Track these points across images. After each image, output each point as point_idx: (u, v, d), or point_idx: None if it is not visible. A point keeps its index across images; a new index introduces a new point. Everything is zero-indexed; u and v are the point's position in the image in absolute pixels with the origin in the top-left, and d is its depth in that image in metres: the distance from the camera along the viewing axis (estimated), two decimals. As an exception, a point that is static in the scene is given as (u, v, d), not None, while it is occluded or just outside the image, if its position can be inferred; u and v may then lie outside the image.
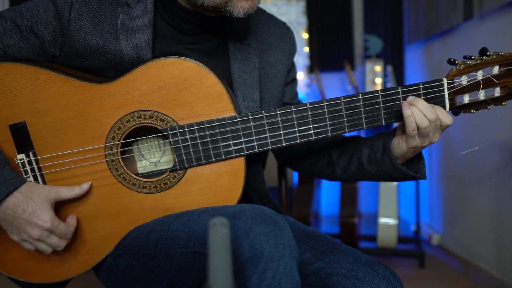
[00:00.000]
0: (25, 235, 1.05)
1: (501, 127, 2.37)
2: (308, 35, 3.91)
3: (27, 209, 1.03)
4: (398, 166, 1.12)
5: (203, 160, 1.10)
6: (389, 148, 1.12)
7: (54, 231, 1.05)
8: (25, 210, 1.03)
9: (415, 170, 1.16)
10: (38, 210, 1.04)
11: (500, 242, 2.48)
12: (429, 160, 3.40)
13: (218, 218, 0.64)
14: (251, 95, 1.19)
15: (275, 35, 1.28)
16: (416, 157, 1.16)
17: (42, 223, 1.03)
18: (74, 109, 1.08)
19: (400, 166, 1.12)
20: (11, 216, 1.04)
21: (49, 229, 1.04)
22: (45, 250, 1.08)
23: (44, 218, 1.04)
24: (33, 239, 1.05)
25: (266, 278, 0.86)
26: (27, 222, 1.03)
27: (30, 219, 1.03)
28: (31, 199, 1.04)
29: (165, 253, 1.03)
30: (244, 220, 0.92)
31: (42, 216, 1.04)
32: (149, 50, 1.10)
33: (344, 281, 1.06)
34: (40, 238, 1.05)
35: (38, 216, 1.03)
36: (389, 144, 1.13)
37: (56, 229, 1.05)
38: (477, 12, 2.58)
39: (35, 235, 1.04)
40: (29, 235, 1.04)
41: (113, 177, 1.10)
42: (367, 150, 1.17)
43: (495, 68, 1.08)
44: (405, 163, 1.17)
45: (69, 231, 1.08)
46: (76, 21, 1.08)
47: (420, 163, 1.15)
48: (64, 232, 1.07)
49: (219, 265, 0.57)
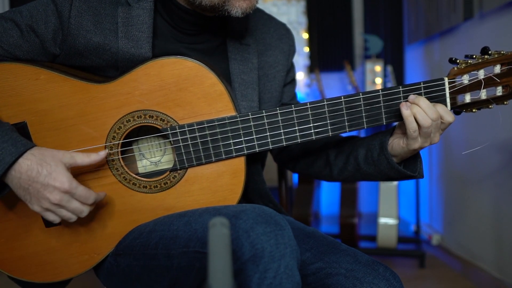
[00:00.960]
0: (45, 202, 0.99)
1: (501, 127, 2.37)
2: (308, 35, 3.91)
3: (41, 172, 0.98)
4: (395, 166, 1.12)
5: (203, 160, 1.10)
6: (386, 148, 1.12)
7: (74, 193, 1.00)
8: (40, 173, 0.98)
9: (412, 169, 1.15)
10: (54, 172, 0.98)
11: (500, 242, 2.48)
12: (429, 160, 3.40)
13: (218, 218, 0.64)
14: (249, 95, 1.19)
15: (274, 36, 1.28)
16: (413, 156, 1.16)
17: (59, 185, 0.98)
18: (74, 109, 1.08)
19: (396, 166, 1.12)
20: (26, 182, 0.98)
21: (68, 191, 0.99)
22: (69, 217, 1.02)
23: (61, 179, 0.98)
24: (54, 205, 1.00)
25: (267, 277, 0.86)
26: (44, 185, 0.98)
27: (47, 181, 0.98)
28: (45, 161, 0.99)
29: (165, 253, 1.03)
30: (245, 220, 0.92)
31: (58, 178, 0.98)
32: (149, 48, 1.11)
33: (344, 281, 1.06)
34: (60, 202, 0.99)
35: (54, 178, 0.98)
36: (386, 143, 1.13)
37: (76, 191, 1.00)
38: (477, 12, 2.58)
39: (54, 199, 0.98)
40: (49, 200, 0.99)
41: (113, 176, 1.10)
42: (364, 150, 1.17)
43: (497, 67, 1.08)
44: (402, 163, 1.17)
45: (90, 195, 1.02)
46: (76, 19, 1.08)
47: (417, 162, 1.15)
48: (84, 196, 1.01)
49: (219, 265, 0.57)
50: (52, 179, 0.98)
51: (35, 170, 0.98)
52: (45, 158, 0.99)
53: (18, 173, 0.99)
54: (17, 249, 1.13)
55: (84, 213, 1.03)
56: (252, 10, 1.10)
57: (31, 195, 1.00)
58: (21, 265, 1.14)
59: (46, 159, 0.99)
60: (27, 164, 0.98)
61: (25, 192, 1.00)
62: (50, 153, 1.01)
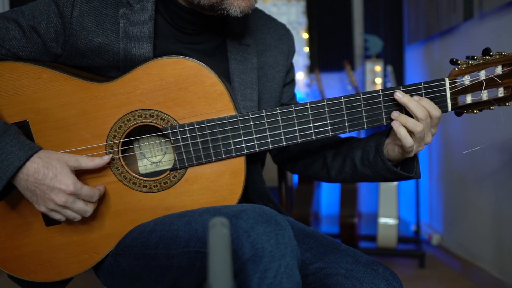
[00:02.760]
0: (51, 204, 1.02)
1: (502, 127, 2.37)
2: (308, 35, 3.91)
3: (48, 174, 1.01)
4: (391, 168, 1.12)
5: (203, 160, 1.10)
6: (381, 150, 1.12)
7: (79, 194, 1.03)
8: (46, 175, 1.01)
9: (409, 170, 1.16)
10: (59, 175, 1.01)
11: (500, 242, 2.48)
12: (429, 160, 3.41)
13: (218, 218, 0.64)
14: (249, 95, 1.19)
15: (274, 36, 1.29)
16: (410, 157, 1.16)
17: (65, 187, 1.01)
18: (75, 108, 1.08)
19: (392, 168, 1.12)
20: (32, 184, 1.01)
21: (73, 192, 1.02)
22: (74, 217, 1.05)
23: (66, 182, 1.01)
24: (59, 206, 1.02)
25: (268, 277, 0.86)
26: (49, 188, 1.01)
27: (53, 184, 1.01)
28: (50, 164, 1.02)
29: (166, 252, 1.03)
30: (245, 219, 0.92)
31: (64, 180, 1.01)
32: (150, 49, 1.11)
33: (343, 281, 1.06)
34: (66, 204, 1.02)
35: (60, 181, 1.01)
36: (382, 145, 1.13)
37: (81, 192, 1.03)
38: (477, 12, 2.58)
39: (60, 201, 1.01)
40: (54, 202, 1.02)
41: (113, 175, 1.11)
42: (360, 151, 1.17)
43: (498, 68, 1.08)
44: (399, 165, 1.17)
45: (94, 193, 1.05)
46: (78, 20, 1.08)
47: (414, 162, 1.15)
48: (89, 195, 1.04)
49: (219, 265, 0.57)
50: (57, 182, 1.01)
51: (41, 173, 1.01)
52: (51, 161, 1.02)
53: (26, 176, 1.01)
54: (17, 248, 1.13)
55: (89, 213, 1.06)
56: (250, 10, 1.10)
57: (38, 197, 1.03)
58: (21, 264, 1.14)
59: (52, 162, 1.02)
60: (34, 167, 1.01)
61: (32, 193, 1.03)
62: (55, 156, 1.04)
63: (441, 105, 1.09)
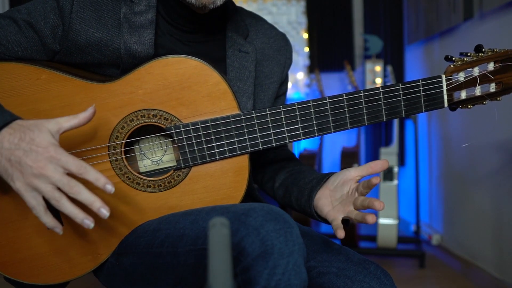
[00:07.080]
0: (27, 173, 0.89)
1: (500, 127, 2.38)
2: (308, 35, 3.91)
3: (24, 138, 0.90)
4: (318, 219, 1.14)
5: (208, 158, 1.10)
6: (312, 199, 1.13)
7: (59, 159, 0.89)
8: (23, 139, 0.90)
9: None
10: (37, 138, 0.90)
11: (500, 242, 2.48)
12: (428, 160, 3.41)
13: (218, 218, 0.64)
14: (244, 104, 1.20)
15: (273, 46, 1.30)
16: None
17: (42, 150, 0.89)
18: (76, 109, 1.07)
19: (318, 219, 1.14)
20: (8, 151, 0.90)
21: (53, 156, 0.89)
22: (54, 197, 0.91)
23: (45, 144, 0.89)
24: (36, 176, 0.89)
25: (276, 274, 0.87)
26: (26, 152, 0.89)
27: (29, 147, 0.89)
28: (28, 128, 0.92)
29: (172, 250, 1.03)
30: (255, 217, 0.92)
31: (42, 143, 0.90)
32: (151, 45, 1.11)
33: (335, 280, 1.07)
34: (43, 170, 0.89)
35: (37, 144, 0.89)
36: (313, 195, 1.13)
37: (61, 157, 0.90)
38: (477, 12, 2.59)
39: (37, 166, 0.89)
40: (31, 168, 0.89)
41: (116, 176, 1.10)
42: (296, 191, 1.20)
43: (491, 65, 1.11)
44: None
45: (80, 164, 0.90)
46: (78, 15, 1.08)
47: None
48: (73, 163, 0.90)
49: (219, 265, 0.57)
50: (34, 145, 0.90)
51: (17, 137, 0.91)
52: (28, 126, 0.93)
53: (0, 143, 0.92)
54: (18, 251, 1.10)
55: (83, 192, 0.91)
56: (213, 5, 1.10)
57: (13, 167, 0.91)
58: (23, 268, 1.11)
59: (30, 127, 0.92)
60: (9, 132, 0.92)
61: (8, 164, 0.91)
62: (33, 121, 0.94)
63: (438, 101, 1.12)
